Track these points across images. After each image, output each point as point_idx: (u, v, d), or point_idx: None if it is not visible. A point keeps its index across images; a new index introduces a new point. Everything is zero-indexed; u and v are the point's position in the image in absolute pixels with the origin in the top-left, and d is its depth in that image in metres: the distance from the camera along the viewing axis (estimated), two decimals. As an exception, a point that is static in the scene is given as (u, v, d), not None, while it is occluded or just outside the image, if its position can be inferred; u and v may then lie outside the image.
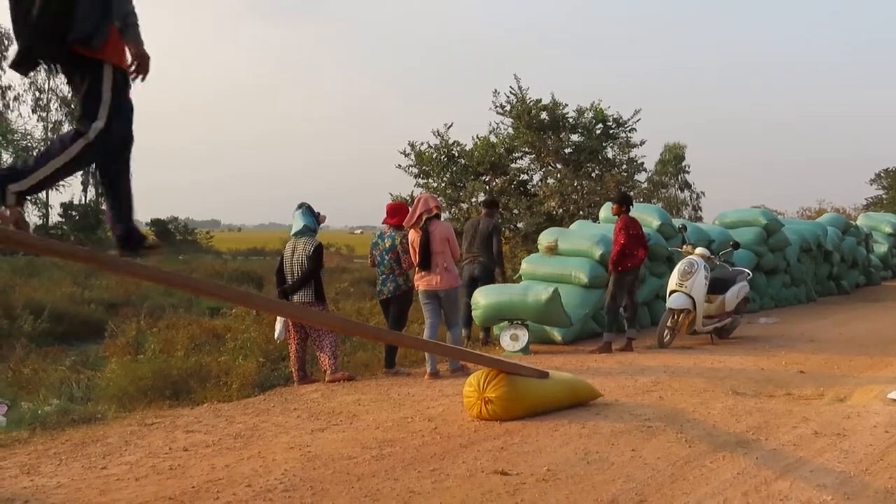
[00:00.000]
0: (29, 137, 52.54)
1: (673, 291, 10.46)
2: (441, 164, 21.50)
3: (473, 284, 10.73)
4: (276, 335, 8.96)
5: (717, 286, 10.77)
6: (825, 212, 27.11)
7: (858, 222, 22.01)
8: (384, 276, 9.04)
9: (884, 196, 45.03)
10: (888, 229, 22.30)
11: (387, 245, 9.03)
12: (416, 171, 21.63)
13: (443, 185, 21.19)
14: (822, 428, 6.09)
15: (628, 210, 10.43)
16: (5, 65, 56.16)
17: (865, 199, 44.20)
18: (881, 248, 21.73)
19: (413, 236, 8.87)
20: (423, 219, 8.76)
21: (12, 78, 55.52)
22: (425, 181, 21.58)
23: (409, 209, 9.30)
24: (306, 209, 8.87)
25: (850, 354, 9.67)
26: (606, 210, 13.65)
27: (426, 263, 8.70)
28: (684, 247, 11.32)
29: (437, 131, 21.60)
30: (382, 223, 9.34)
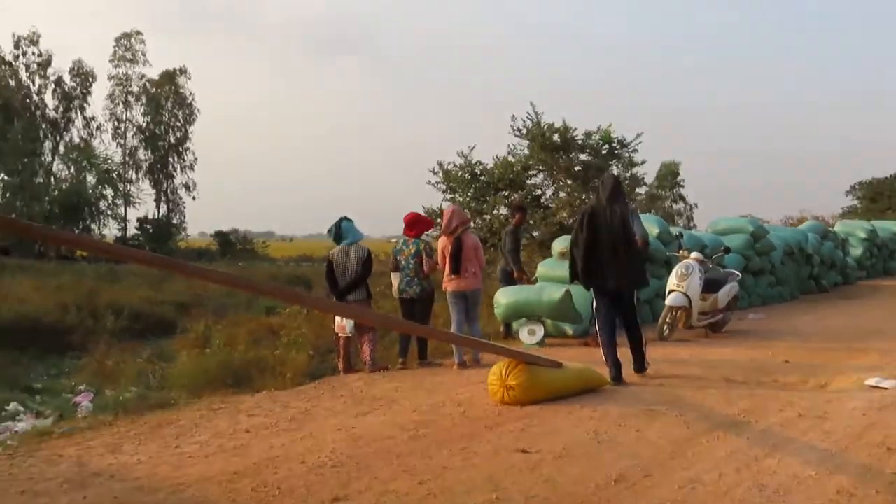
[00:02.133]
0: (109, 161, 53.23)
1: (671, 291, 10.39)
2: (465, 181, 21.59)
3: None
4: (347, 331, 8.74)
5: (711, 286, 10.68)
6: (806, 219, 26.85)
7: (836, 229, 21.82)
8: (409, 279, 8.89)
9: (858, 205, 44.54)
10: (862, 235, 22.11)
11: (412, 251, 8.91)
12: (443, 186, 21.74)
13: (467, 199, 21.24)
14: (806, 411, 6.02)
15: None
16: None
17: (842, 208, 43.64)
18: (856, 251, 21.51)
19: (444, 243, 8.84)
20: (459, 230, 8.77)
21: (95, 110, 56.19)
22: (452, 196, 21.65)
23: (426, 220, 9.27)
24: (353, 224, 8.89)
25: (830, 346, 9.56)
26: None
27: (457, 268, 8.68)
28: (681, 252, 11.26)
29: (462, 152, 21.71)
30: (403, 234, 9.22)
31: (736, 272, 11.76)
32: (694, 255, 10.92)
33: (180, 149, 57.56)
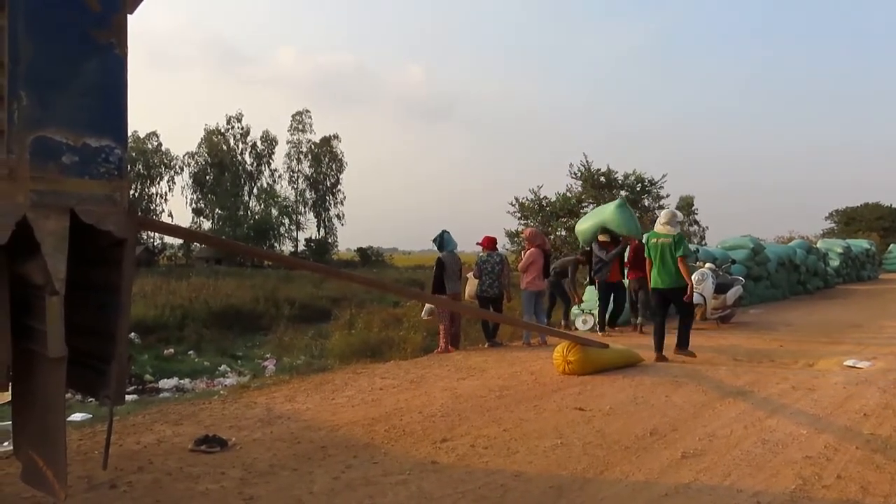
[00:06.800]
0: (286, 200, 55.35)
1: (691, 292, 10.01)
2: (535, 210, 21.40)
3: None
4: (422, 314, 8.58)
5: (721, 289, 10.24)
6: (794, 238, 25.66)
7: (818, 245, 20.90)
8: (490, 282, 8.40)
9: (835, 227, 42.51)
10: (839, 250, 21.20)
11: (496, 260, 8.47)
12: (518, 215, 21.61)
13: (536, 224, 21.06)
14: (798, 384, 5.67)
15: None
16: (277, 162, 59.94)
17: (822, 229, 41.70)
18: (834, 262, 20.56)
19: (536, 255, 8.50)
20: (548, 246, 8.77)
21: (277, 164, 58.42)
22: (525, 222, 21.50)
23: (495, 238, 8.74)
24: (451, 235, 8.47)
25: (814, 334, 8.98)
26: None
27: (547, 273, 8.57)
28: (698, 263, 10.86)
29: (533, 190, 21.60)
30: (483, 249, 8.59)
31: (740, 278, 11.24)
32: (707, 265, 10.54)
33: (334, 190, 59.15)
